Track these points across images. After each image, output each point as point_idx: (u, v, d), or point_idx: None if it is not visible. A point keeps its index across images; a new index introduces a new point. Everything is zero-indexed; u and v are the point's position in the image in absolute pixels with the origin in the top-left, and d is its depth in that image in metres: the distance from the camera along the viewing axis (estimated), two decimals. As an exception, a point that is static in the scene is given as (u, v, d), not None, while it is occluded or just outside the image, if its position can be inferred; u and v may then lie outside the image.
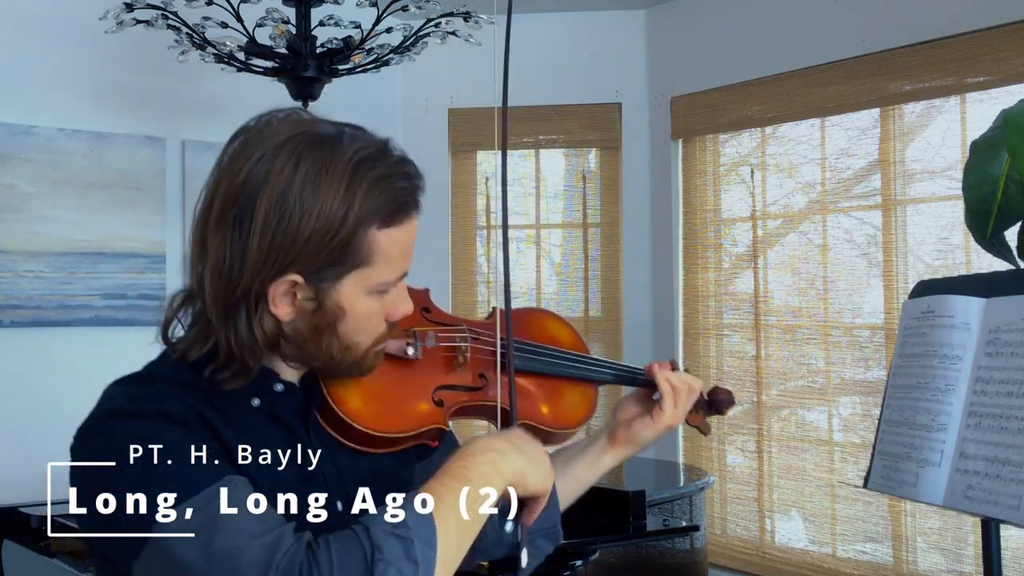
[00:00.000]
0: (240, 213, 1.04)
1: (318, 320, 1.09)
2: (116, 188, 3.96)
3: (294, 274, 1.05)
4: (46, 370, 3.81)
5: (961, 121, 3.61)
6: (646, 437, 1.39)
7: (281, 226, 1.03)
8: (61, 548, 2.71)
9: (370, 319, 1.12)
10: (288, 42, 3.30)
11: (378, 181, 1.07)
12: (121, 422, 1.04)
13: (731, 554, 4.27)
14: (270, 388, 1.14)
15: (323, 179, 1.04)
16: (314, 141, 1.06)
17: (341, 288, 1.08)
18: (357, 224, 1.05)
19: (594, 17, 4.68)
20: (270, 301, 1.06)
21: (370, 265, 1.08)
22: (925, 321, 1.74)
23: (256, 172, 1.05)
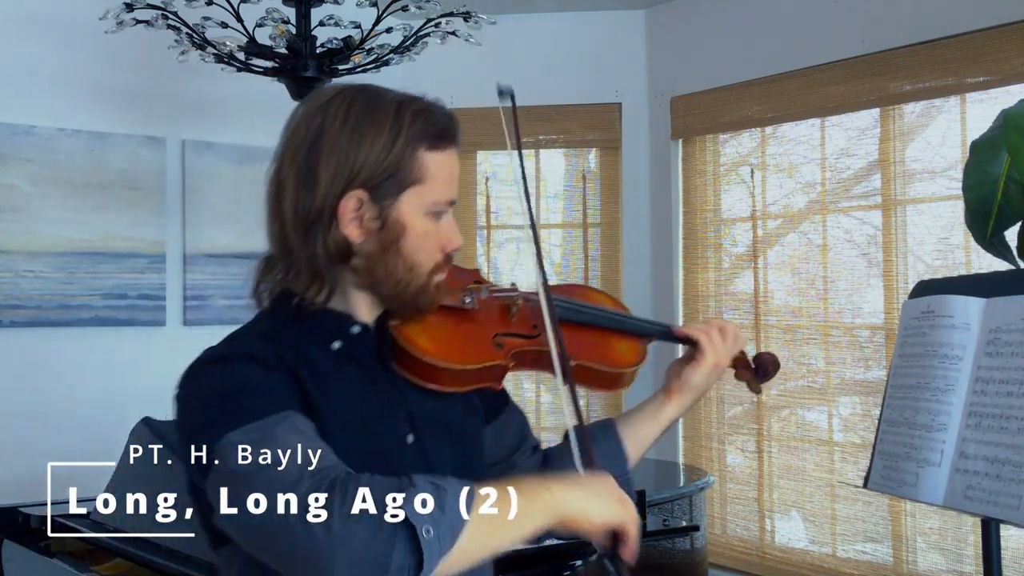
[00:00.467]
0: (308, 156, 1.23)
1: (384, 237, 1.24)
2: (116, 188, 3.96)
3: (358, 190, 1.22)
4: (46, 370, 3.81)
5: (961, 121, 3.61)
6: (697, 380, 1.48)
7: (344, 153, 1.22)
8: (61, 548, 2.71)
9: (428, 239, 1.26)
10: (288, 42, 3.30)
11: (420, 111, 1.25)
12: (213, 366, 1.20)
13: (731, 554, 4.27)
14: (348, 331, 1.28)
15: (374, 112, 1.23)
16: (360, 89, 1.27)
17: (401, 205, 1.24)
18: (407, 143, 1.23)
19: (594, 17, 4.68)
20: (340, 220, 1.22)
21: (422, 183, 1.25)
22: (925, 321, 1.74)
23: (315, 119, 1.24)
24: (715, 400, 4.40)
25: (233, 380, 1.17)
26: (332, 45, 3.38)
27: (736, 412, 4.37)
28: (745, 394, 4.28)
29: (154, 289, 4.02)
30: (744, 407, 4.32)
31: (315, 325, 1.26)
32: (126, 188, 3.99)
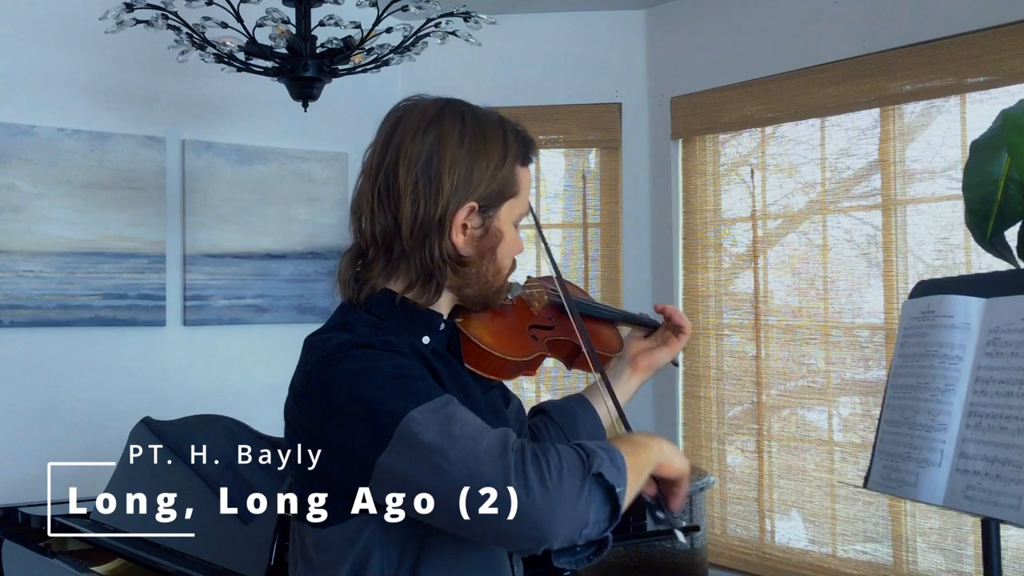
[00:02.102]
0: (428, 164, 1.33)
1: (484, 244, 1.38)
2: (116, 188, 3.96)
3: (473, 201, 1.35)
4: (46, 370, 3.81)
5: (961, 121, 3.61)
6: (663, 361, 1.69)
7: (464, 166, 1.34)
8: (61, 548, 2.71)
9: (514, 245, 1.42)
10: (288, 42, 3.30)
11: (517, 132, 1.41)
12: (358, 351, 1.27)
13: (731, 554, 4.27)
14: (437, 326, 1.41)
15: (486, 131, 1.37)
16: (465, 106, 1.40)
17: (500, 215, 1.39)
18: (513, 160, 1.38)
19: (594, 17, 4.68)
20: (452, 229, 1.34)
21: (516, 196, 1.40)
22: (925, 321, 1.74)
23: (432, 134, 1.34)
24: (715, 400, 4.40)
25: (393, 363, 1.26)
26: (332, 45, 3.38)
27: (736, 412, 4.37)
28: (745, 394, 4.28)
29: (154, 289, 4.02)
30: (744, 407, 4.32)
31: (411, 322, 1.37)
32: (126, 188, 3.99)
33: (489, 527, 1.16)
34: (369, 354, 1.26)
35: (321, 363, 1.28)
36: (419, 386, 1.24)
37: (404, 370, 1.26)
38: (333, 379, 1.25)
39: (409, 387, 1.23)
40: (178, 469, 2.54)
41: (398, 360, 1.27)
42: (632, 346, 1.72)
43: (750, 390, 4.26)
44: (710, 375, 4.42)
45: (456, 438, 1.18)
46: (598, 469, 1.17)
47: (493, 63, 4.45)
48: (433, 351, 1.38)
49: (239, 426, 2.48)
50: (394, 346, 1.29)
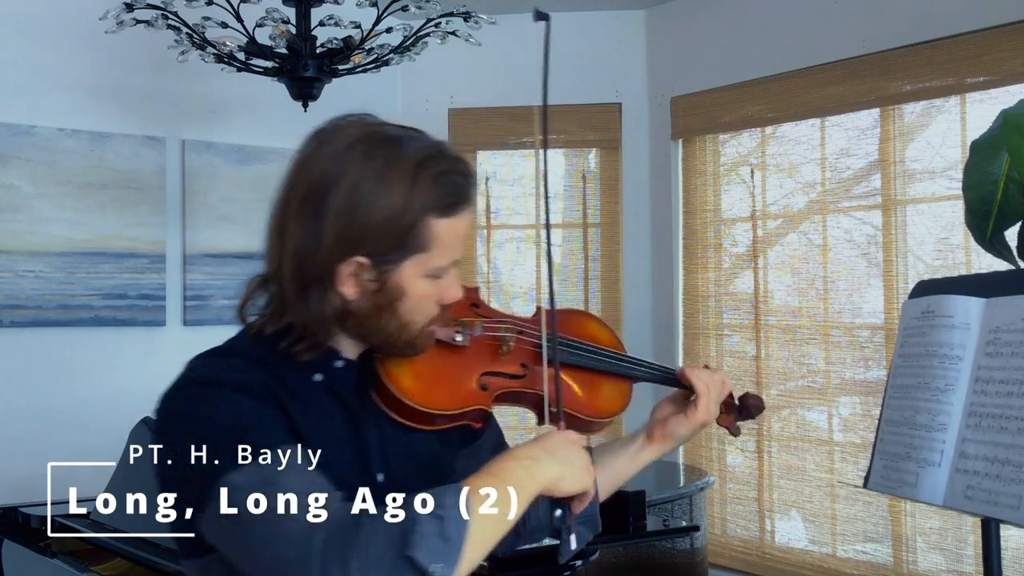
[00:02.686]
0: (318, 203, 1.19)
1: (379, 300, 1.22)
2: (116, 188, 3.96)
3: (362, 256, 1.19)
4: (46, 370, 3.81)
5: (961, 121, 3.61)
6: (681, 433, 1.48)
7: (354, 214, 1.17)
8: (61, 548, 2.71)
9: (425, 300, 1.24)
10: (288, 42, 3.30)
11: (438, 176, 1.20)
12: (207, 389, 1.18)
13: (731, 554, 4.27)
14: (331, 365, 1.26)
15: (391, 173, 1.18)
16: (382, 140, 1.22)
17: (402, 271, 1.21)
18: (419, 213, 1.19)
19: (594, 17, 4.68)
20: (338, 281, 1.20)
21: (428, 251, 1.21)
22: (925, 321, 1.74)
23: (332, 167, 1.19)
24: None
25: (230, 411, 1.15)
26: (332, 45, 3.38)
27: (736, 412, 4.36)
28: (745, 394, 4.27)
29: (154, 289, 4.02)
30: (744, 407, 4.32)
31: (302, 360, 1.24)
32: (126, 188, 3.99)
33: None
34: (209, 395, 1.17)
35: (164, 398, 1.21)
36: (252, 438, 1.12)
37: (237, 419, 1.14)
38: (174, 419, 1.19)
39: (240, 441, 1.12)
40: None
41: (240, 406, 1.16)
42: (657, 411, 1.51)
43: (750, 390, 4.25)
44: (710, 375, 4.41)
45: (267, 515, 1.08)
46: (412, 551, 1.03)
47: (493, 63, 4.45)
48: (328, 389, 1.25)
49: (239, 426, 2.47)
50: (245, 386, 1.17)
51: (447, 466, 1.36)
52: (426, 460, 1.31)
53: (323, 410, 1.23)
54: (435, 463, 1.33)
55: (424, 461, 1.31)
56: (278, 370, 1.22)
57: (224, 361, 1.23)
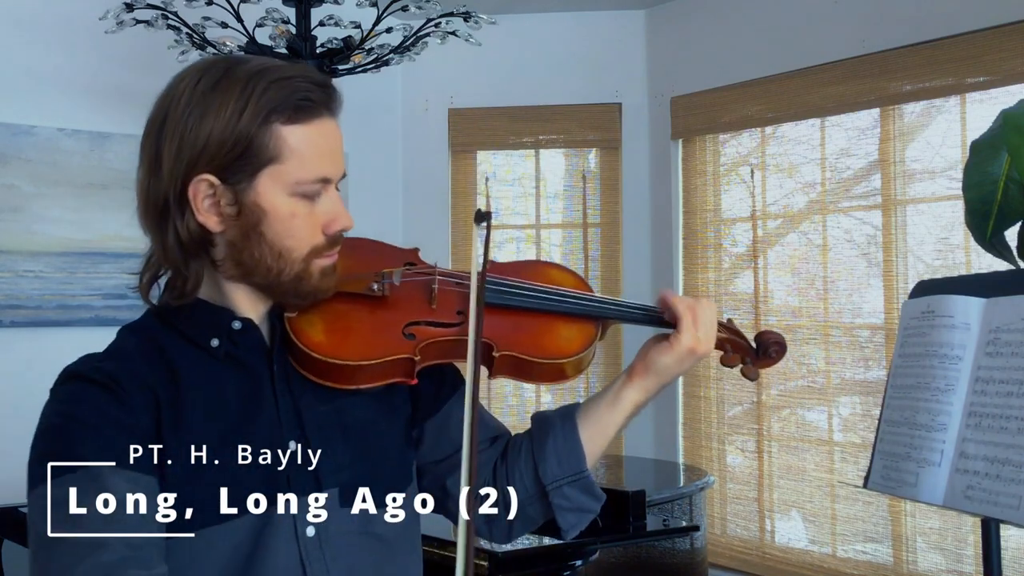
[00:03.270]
0: (156, 133, 1.14)
1: (243, 224, 1.13)
2: (116, 188, 3.96)
3: (207, 174, 1.11)
4: (46, 370, 3.80)
5: (961, 121, 3.61)
6: (665, 363, 1.29)
7: (186, 130, 1.11)
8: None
9: (294, 221, 1.14)
10: (288, 42, 3.30)
11: (278, 81, 1.12)
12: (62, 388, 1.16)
13: (731, 554, 4.27)
14: (228, 326, 1.17)
15: (223, 83, 1.12)
16: (220, 59, 1.17)
17: (257, 186, 1.12)
18: (255, 119, 1.10)
19: (594, 17, 4.68)
20: (194, 208, 1.12)
21: (280, 162, 1.12)
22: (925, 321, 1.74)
23: (166, 97, 1.15)
24: (715, 400, 4.40)
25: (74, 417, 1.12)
26: (332, 45, 3.38)
27: (736, 412, 4.37)
28: (745, 394, 4.27)
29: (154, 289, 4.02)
30: (744, 407, 4.32)
31: (192, 322, 1.18)
32: (126, 188, 3.96)
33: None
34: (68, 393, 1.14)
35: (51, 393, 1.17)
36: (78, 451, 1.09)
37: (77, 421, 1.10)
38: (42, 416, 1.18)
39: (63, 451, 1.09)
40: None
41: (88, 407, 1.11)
42: (641, 349, 1.35)
43: (750, 390, 4.26)
44: (710, 375, 4.41)
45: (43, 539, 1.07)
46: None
47: (493, 63, 4.45)
48: (227, 355, 1.17)
49: (239, 426, 2.47)
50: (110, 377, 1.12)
51: (383, 434, 1.24)
52: (353, 427, 1.21)
53: (220, 380, 1.15)
54: (365, 430, 1.22)
55: (351, 428, 1.21)
56: (171, 348, 1.16)
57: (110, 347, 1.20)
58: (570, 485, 1.27)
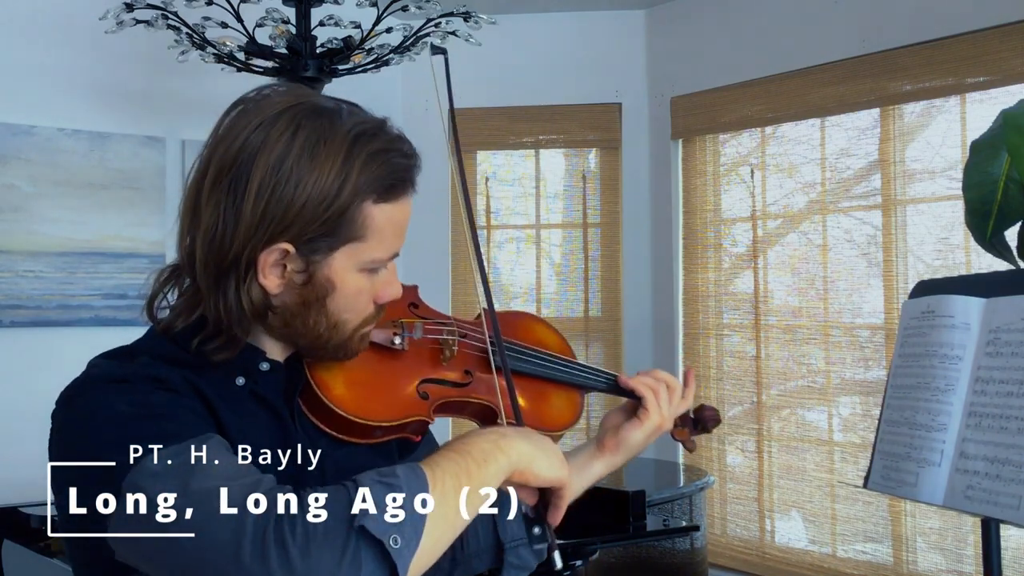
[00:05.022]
0: (235, 179, 1.03)
1: (307, 294, 1.08)
2: (116, 188, 3.96)
3: (285, 243, 1.04)
4: (46, 370, 3.80)
5: (961, 121, 3.61)
6: (636, 439, 1.33)
7: (276, 192, 1.02)
8: (61, 548, 2.71)
9: (359, 297, 1.10)
10: (288, 42, 3.30)
11: (375, 155, 1.06)
12: (113, 386, 1.03)
13: (731, 554, 4.27)
14: (255, 367, 1.12)
15: (320, 148, 1.03)
16: (313, 111, 1.06)
17: (332, 262, 1.07)
18: (353, 196, 1.05)
19: (594, 17, 4.68)
20: (260, 270, 1.05)
21: (363, 240, 1.07)
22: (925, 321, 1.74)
23: (253, 139, 1.04)
24: (715, 400, 4.40)
25: (139, 403, 1.00)
26: (332, 45, 3.38)
27: (736, 412, 4.37)
28: (745, 394, 4.27)
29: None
30: (744, 407, 4.32)
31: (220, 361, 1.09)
32: (126, 188, 3.99)
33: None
34: (114, 391, 1.02)
35: (59, 402, 1.06)
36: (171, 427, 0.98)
37: (151, 410, 1.00)
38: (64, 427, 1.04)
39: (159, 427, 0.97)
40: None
41: (152, 398, 1.01)
42: (607, 420, 1.36)
43: (750, 390, 4.26)
44: (710, 375, 4.41)
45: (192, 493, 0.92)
46: (361, 523, 0.89)
47: (493, 63, 4.44)
48: (252, 394, 1.11)
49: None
50: (161, 381, 1.03)
51: None
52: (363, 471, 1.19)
53: (248, 415, 1.09)
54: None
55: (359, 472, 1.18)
56: (196, 370, 1.08)
57: (130, 359, 1.08)
58: (525, 547, 1.25)
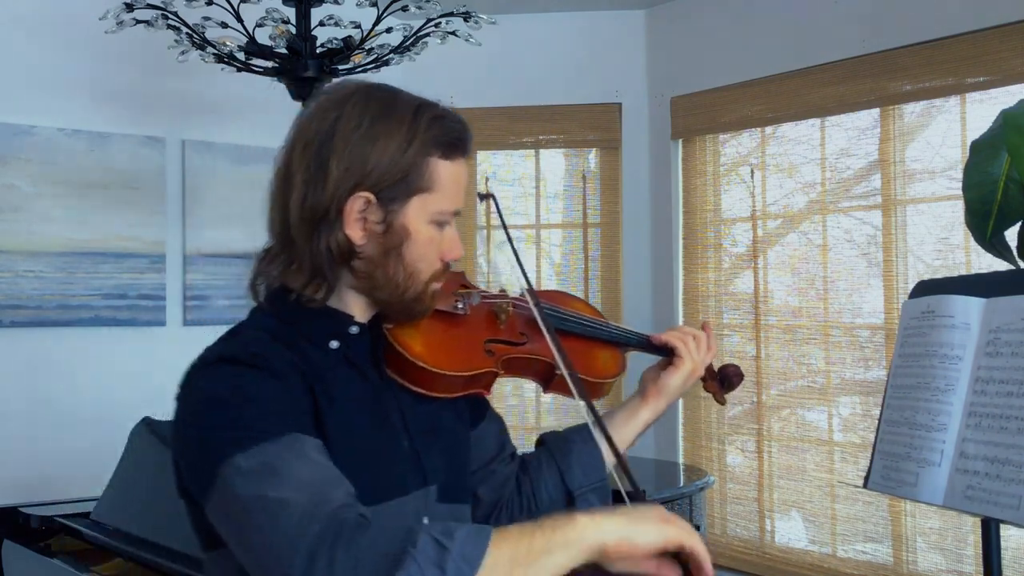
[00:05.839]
0: (321, 146, 1.22)
1: (387, 242, 1.23)
2: (116, 188, 3.96)
3: (367, 191, 1.21)
4: (46, 370, 3.81)
5: (961, 121, 3.61)
6: (674, 384, 1.51)
7: (356, 150, 1.21)
8: (61, 548, 2.71)
9: (430, 246, 1.26)
10: (288, 42, 3.30)
11: (436, 119, 1.25)
12: (218, 368, 1.17)
13: (731, 554, 4.27)
14: (346, 330, 1.27)
15: (393, 113, 1.23)
16: (379, 88, 1.27)
17: (407, 211, 1.24)
18: (420, 150, 1.23)
19: (594, 17, 4.68)
20: (345, 220, 1.21)
21: (431, 191, 1.24)
22: (925, 321, 1.74)
23: (330, 114, 1.23)
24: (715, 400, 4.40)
25: (244, 392, 1.13)
26: (332, 45, 3.38)
27: (736, 412, 4.37)
28: (745, 394, 4.28)
29: (154, 289, 4.02)
30: (744, 407, 4.32)
31: (314, 323, 1.25)
32: (126, 188, 3.99)
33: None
34: (224, 373, 1.15)
35: (184, 381, 1.19)
36: (260, 424, 1.10)
37: (251, 398, 1.13)
38: (184, 403, 1.18)
39: (244, 425, 1.10)
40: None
41: (255, 383, 1.14)
42: (646, 373, 1.56)
43: (750, 390, 4.26)
44: (710, 375, 4.41)
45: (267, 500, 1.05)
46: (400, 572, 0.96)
47: (493, 63, 4.45)
48: (344, 358, 1.25)
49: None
50: (265, 361, 1.16)
51: (463, 440, 1.38)
52: (442, 431, 1.33)
53: (344, 380, 1.23)
54: (453, 435, 1.35)
55: (443, 432, 1.33)
56: (292, 343, 1.22)
57: (237, 339, 1.22)
58: (593, 492, 1.43)
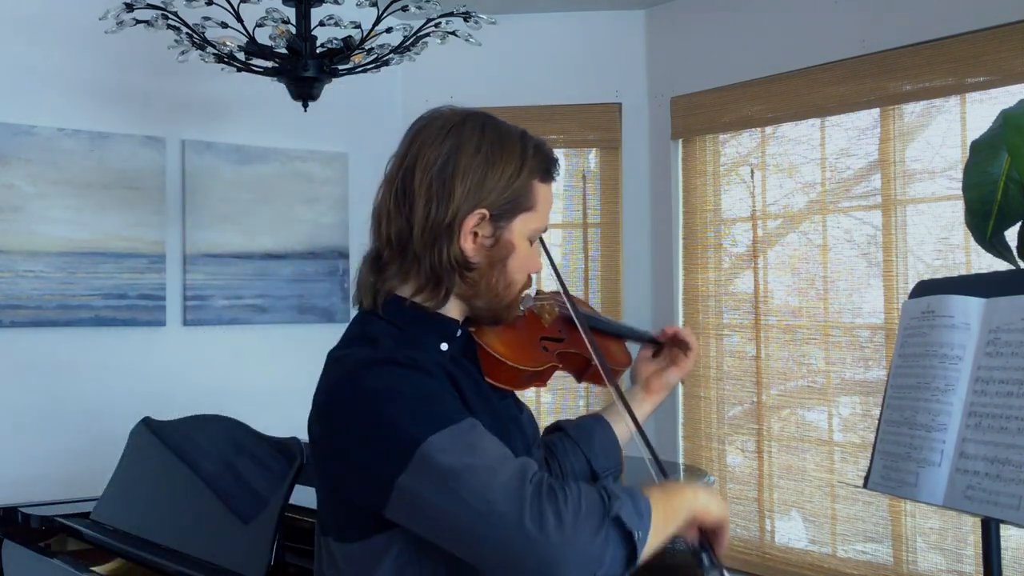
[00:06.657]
0: (443, 168, 1.36)
1: (493, 255, 1.39)
2: (116, 188, 3.96)
3: (483, 208, 1.36)
4: (46, 370, 3.81)
5: (961, 121, 3.61)
6: (675, 381, 1.70)
7: (478, 172, 1.36)
8: (61, 548, 2.71)
9: (526, 261, 1.42)
10: (288, 42, 3.30)
11: (539, 146, 1.44)
12: (381, 368, 1.28)
13: (731, 554, 4.27)
14: (453, 333, 1.42)
15: (507, 141, 1.40)
16: (486, 117, 1.43)
17: (512, 227, 1.39)
18: (529, 175, 1.40)
19: (594, 17, 4.68)
20: (461, 235, 1.36)
21: (533, 210, 1.41)
22: (925, 321, 1.74)
23: (449, 139, 1.37)
24: (715, 400, 4.40)
25: (418, 386, 1.26)
26: (332, 45, 3.38)
27: (736, 412, 4.37)
28: (745, 394, 4.28)
29: (154, 289, 4.02)
30: (744, 407, 4.32)
31: (428, 327, 1.39)
32: (126, 188, 3.99)
33: (499, 560, 1.18)
34: (392, 372, 1.27)
35: (344, 381, 1.30)
36: (442, 409, 1.25)
37: (427, 391, 1.26)
38: (355, 399, 1.27)
39: (431, 410, 1.24)
40: (178, 469, 2.54)
41: (421, 380, 1.27)
42: (643, 368, 1.72)
43: (750, 390, 4.26)
44: (710, 375, 4.41)
45: (475, 468, 1.19)
46: (617, 513, 1.18)
47: (493, 63, 4.44)
48: (451, 358, 1.39)
49: (239, 426, 2.48)
50: (418, 363, 1.29)
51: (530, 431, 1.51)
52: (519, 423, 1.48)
53: (463, 378, 1.37)
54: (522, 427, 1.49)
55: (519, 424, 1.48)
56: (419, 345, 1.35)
57: (386, 343, 1.34)
58: (612, 475, 1.60)
